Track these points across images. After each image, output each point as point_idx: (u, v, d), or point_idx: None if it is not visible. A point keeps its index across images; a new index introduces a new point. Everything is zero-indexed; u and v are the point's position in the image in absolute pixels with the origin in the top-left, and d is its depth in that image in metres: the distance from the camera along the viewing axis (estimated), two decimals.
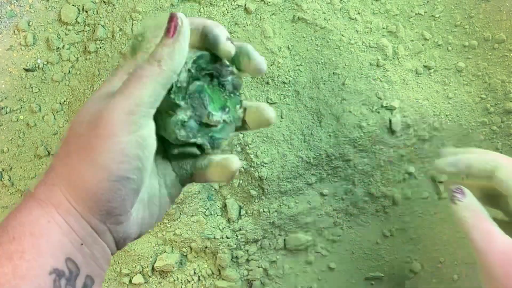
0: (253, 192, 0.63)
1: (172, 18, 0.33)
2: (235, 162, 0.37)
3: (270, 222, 0.65)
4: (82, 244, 0.32)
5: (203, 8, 0.62)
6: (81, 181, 0.32)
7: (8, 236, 0.30)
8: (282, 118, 0.62)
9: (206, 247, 0.65)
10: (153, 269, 0.66)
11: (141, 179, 0.33)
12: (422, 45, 0.65)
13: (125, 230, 0.34)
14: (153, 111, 0.33)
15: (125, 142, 0.31)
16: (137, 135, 0.32)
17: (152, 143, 0.33)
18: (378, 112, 0.62)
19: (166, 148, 0.38)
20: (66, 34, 0.63)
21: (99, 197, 0.32)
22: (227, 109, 0.37)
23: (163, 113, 0.35)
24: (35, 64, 0.63)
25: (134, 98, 0.31)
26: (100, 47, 0.62)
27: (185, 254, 0.66)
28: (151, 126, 0.33)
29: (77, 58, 0.63)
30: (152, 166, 0.37)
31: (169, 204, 0.39)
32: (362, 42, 0.62)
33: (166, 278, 0.66)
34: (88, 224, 0.33)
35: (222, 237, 0.64)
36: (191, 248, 0.65)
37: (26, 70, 0.63)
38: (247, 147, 0.62)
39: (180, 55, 0.33)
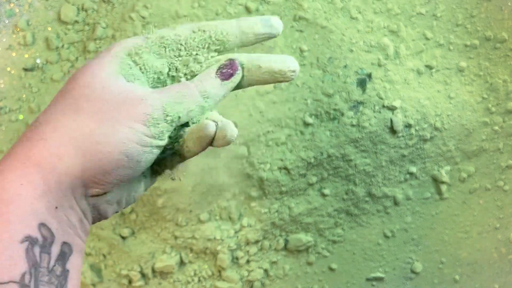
0: (254, 193, 0.63)
1: (232, 64, 0.35)
2: (210, 125, 0.35)
3: (270, 223, 0.65)
4: (56, 207, 0.30)
5: (203, 8, 0.62)
6: (93, 142, 0.31)
7: None
8: (283, 117, 0.62)
9: (206, 248, 0.64)
10: (153, 270, 0.65)
11: (141, 169, 0.33)
12: (424, 44, 0.64)
13: (100, 203, 0.33)
14: (173, 126, 0.34)
15: (153, 132, 0.32)
16: (161, 133, 0.33)
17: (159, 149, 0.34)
18: (380, 112, 0.62)
19: None
20: (65, 34, 0.63)
21: (104, 163, 0.31)
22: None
23: None
24: (35, 64, 0.63)
25: (176, 109, 0.33)
26: (100, 47, 0.62)
27: (185, 255, 0.66)
28: (169, 133, 0.34)
29: (77, 57, 0.63)
30: None
31: (143, 190, 0.38)
32: (363, 42, 0.62)
33: (166, 279, 0.66)
34: (69, 184, 0.31)
35: (222, 238, 0.64)
36: (191, 249, 0.65)
37: (26, 69, 0.63)
38: (248, 148, 0.61)
39: (221, 97, 0.35)
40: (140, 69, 0.35)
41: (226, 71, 0.35)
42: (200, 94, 0.34)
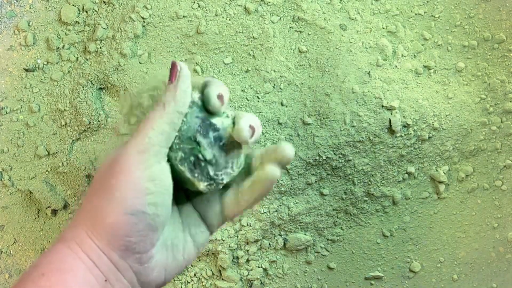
0: None
1: (173, 66, 0.36)
2: (287, 147, 0.37)
3: (270, 222, 0.65)
4: (106, 280, 0.34)
5: (203, 8, 0.62)
6: (100, 217, 0.34)
7: (38, 272, 0.33)
8: (282, 117, 0.62)
9: (208, 250, 0.65)
10: None
11: (158, 216, 0.35)
12: (422, 45, 0.65)
13: (147, 272, 0.35)
14: (164, 150, 0.35)
15: (137, 177, 0.34)
16: (149, 171, 0.34)
17: (165, 179, 0.35)
18: (378, 112, 0.62)
19: (191, 197, 0.40)
20: (66, 34, 0.63)
21: (117, 231, 0.34)
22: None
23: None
24: (35, 64, 0.63)
25: (144, 137, 0.35)
26: (100, 47, 0.62)
27: None
28: (164, 165, 0.35)
29: (77, 58, 0.63)
30: (175, 213, 0.39)
31: (194, 253, 0.40)
32: (362, 43, 0.62)
33: None
34: (109, 260, 0.34)
35: (222, 238, 0.64)
36: None
37: (26, 70, 0.63)
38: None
39: (182, 96, 0.36)
40: None
41: (171, 73, 0.36)
42: (158, 108, 0.35)
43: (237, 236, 0.65)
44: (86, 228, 0.35)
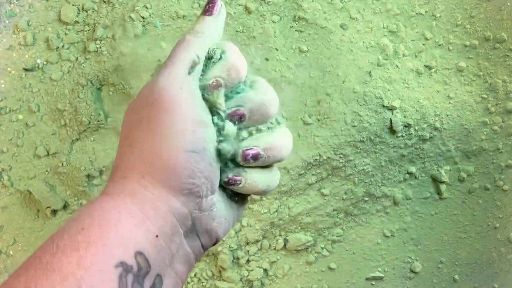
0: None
1: (212, 1, 0.35)
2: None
3: (270, 223, 0.65)
4: (157, 236, 0.30)
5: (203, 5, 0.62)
6: (157, 158, 0.30)
7: (77, 227, 0.29)
8: (282, 117, 0.62)
9: (208, 250, 0.65)
10: None
11: (212, 151, 0.31)
12: (423, 44, 0.64)
13: (207, 221, 0.32)
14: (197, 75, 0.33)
15: (191, 106, 0.31)
16: (198, 99, 0.31)
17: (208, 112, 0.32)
18: (379, 112, 0.62)
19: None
20: (66, 34, 0.63)
21: (179, 171, 0.30)
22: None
23: None
24: (35, 64, 0.63)
25: (183, 60, 0.32)
26: (100, 47, 0.62)
27: None
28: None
29: (77, 57, 0.63)
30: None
31: (236, 216, 0.36)
32: (363, 42, 0.62)
33: None
34: (167, 209, 0.30)
35: (223, 239, 0.64)
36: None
37: (26, 70, 0.63)
38: None
39: (219, 31, 0.35)
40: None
41: (208, 7, 0.35)
42: (196, 35, 0.34)
43: (237, 237, 0.65)
44: (137, 177, 0.31)
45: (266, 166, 0.35)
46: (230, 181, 0.33)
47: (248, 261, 0.66)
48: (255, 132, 0.35)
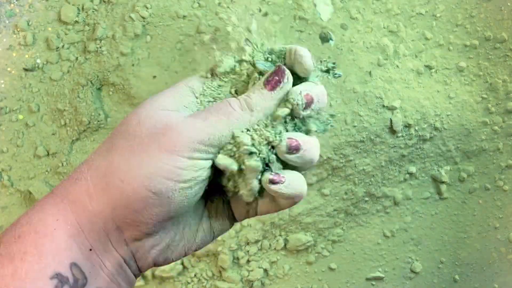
0: None
1: (278, 72, 0.31)
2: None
3: (270, 223, 0.65)
4: (91, 249, 0.29)
5: (203, 8, 0.62)
6: (118, 179, 0.29)
7: (13, 234, 0.28)
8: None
9: (208, 250, 0.65)
10: (153, 276, 0.65)
11: (181, 207, 0.30)
12: (423, 44, 0.64)
13: (144, 250, 0.31)
14: (213, 151, 0.30)
15: (183, 162, 0.29)
16: (195, 163, 0.29)
17: (205, 172, 0.30)
18: (379, 112, 0.62)
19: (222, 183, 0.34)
20: (65, 34, 0.63)
21: (130, 202, 0.28)
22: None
23: None
24: (35, 64, 0.63)
25: (212, 130, 0.29)
26: (100, 47, 0.62)
27: (187, 260, 0.66)
28: (209, 163, 0.30)
29: (77, 57, 0.63)
30: (200, 203, 0.33)
31: (210, 240, 0.34)
32: (363, 42, 0.62)
33: (166, 279, 0.66)
34: (102, 227, 0.29)
35: (223, 239, 0.64)
36: (193, 254, 0.65)
37: (26, 69, 0.63)
38: None
39: (271, 110, 0.31)
40: (196, 98, 0.32)
41: (272, 79, 0.31)
42: (242, 108, 0.31)
43: (238, 237, 0.65)
44: (89, 185, 0.29)
45: (298, 169, 0.33)
46: (274, 180, 0.31)
47: (248, 261, 0.66)
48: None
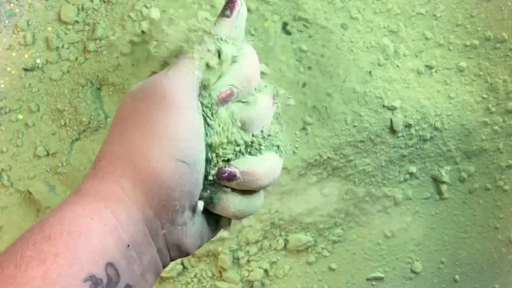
0: None
1: (232, 1, 0.33)
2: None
3: (270, 223, 0.64)
4: (129, 245, 0.28)
5: (204, 5, 0.62)
6: (143, 159, 0.28)
7: (43, 235, 0.26)
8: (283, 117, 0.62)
9: (208, 251, 0.64)
10: None
11: (201, 175, 0.29)
12: (424, 44, 0.64)
13: (179, 236, 0.30)
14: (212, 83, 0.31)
15: (192, 115, 0.29)
16: (200, 109, 0.29)
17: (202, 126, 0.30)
18: (379, 112, 0.62)
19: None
20: (65, 34, 0.63)
21: (163, 179, 0.28)
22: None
23: None
24: (35, 64, 0.63)
25: (195, 69, 0.30)
26: (100, 47, 0.62)
27: (187, 260, 0.65)
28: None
29: (77, 57, 0.63)
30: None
31: (212, 234, 0.35)
32: (363, 42, 0.62)
33: (166, 279, 0.66)
34: (141, 216, 0.28)
35: (223, 239, 0.64)
36: (193, 254, 0.65)
37: (26, 69, 0.63)
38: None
39: (238, 33, 0.32)
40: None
41: (227, 7, 0.33)
42: (216, 40, 0.31)
43: (238, 237, 0.64)
44: (117, 176, 0.28)
45: (247, 191, 0.33)
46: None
47: (248, 261, 0.66)
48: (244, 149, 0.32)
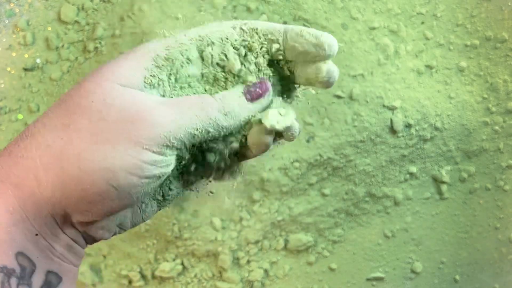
0: (254, 193, 0.63)
1: (263, 84, 0.30)
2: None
3: (270, 223, 0.64)
4: (37, 234, 0.26)
5: (204, 6, 0.61)
6: (76, 167, 0.26)
7: None
8: None
9: (208, 251, 0.64)
10: (153, 276, 0.65)
11: (134, 201, 0.28)
12: (424, 44, 0.64)
13: (92, 231, 0.29)
14: (182, 149, 0.28)
15: (152, 157, 0.27)
16: (163, 159, 0.27)
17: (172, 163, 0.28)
18: (380, 112, 0.62)
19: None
20: (65, 34, 0.63)
21: (88, 195, 0.26)
22: None
23: None
24: (34, 64, 0.63)
25: (187, 127, 0.27)
26: (100, 47, 0.62)
27: (187, 260, 0.66)
28: (175, 158, 0.28)
29: (77, 57, 0.63)
30: None
31: (156, 210, 0.33)
32: (364, 42, 0.62)
33: (166, 280, 0.66)
34: (49, 213, 0.27)
35: (223, 239, 0.64)
36: (193, 254, 0.65)
37: (25, 69, 0.63)
38: None
39: (246, 119, 0.29)
40: (168, 77, 0.29)
41: (254, 90, 0.29)
42: (219, 110, 0.28)
43: (238, 237, 0.64)
44: (38, 167, 0.26)
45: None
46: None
47: (248, 261, 0.66)
48: None
